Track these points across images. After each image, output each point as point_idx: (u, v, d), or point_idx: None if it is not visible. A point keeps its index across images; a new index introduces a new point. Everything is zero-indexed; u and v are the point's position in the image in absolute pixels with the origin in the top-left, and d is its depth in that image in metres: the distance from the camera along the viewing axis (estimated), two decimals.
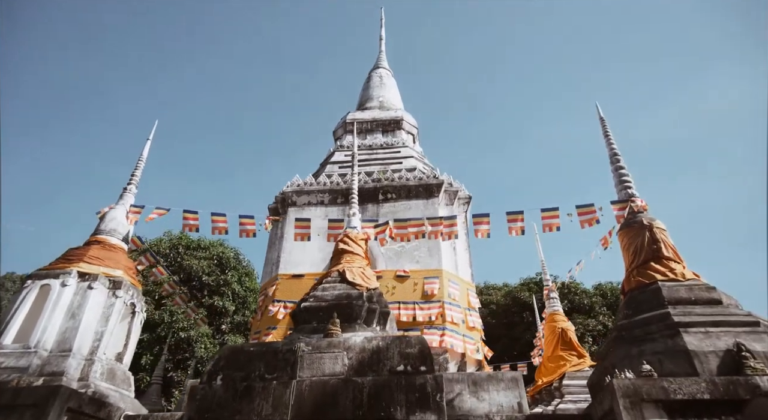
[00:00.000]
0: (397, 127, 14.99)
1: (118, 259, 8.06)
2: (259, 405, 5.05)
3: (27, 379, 5.96)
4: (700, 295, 5.81)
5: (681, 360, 5.06)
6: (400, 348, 5.40)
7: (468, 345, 9.12)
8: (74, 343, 6.72)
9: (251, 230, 8.41)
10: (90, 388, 6.29)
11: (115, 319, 7.40)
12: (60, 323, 6.90)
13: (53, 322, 6.83)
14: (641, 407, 4.57)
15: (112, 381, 6.90)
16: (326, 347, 5.52)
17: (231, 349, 5.76)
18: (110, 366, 7.04)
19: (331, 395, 5.04)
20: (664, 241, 6.69)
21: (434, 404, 4.85)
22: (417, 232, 8.10)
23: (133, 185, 9.63)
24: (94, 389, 6.33)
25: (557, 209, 7.72)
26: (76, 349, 6.69)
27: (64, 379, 6.13)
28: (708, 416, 4.49)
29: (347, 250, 7.53)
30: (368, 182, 11.71)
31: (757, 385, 4.52)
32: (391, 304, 9.47)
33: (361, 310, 6.44)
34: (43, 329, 6.70)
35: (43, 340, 6.62)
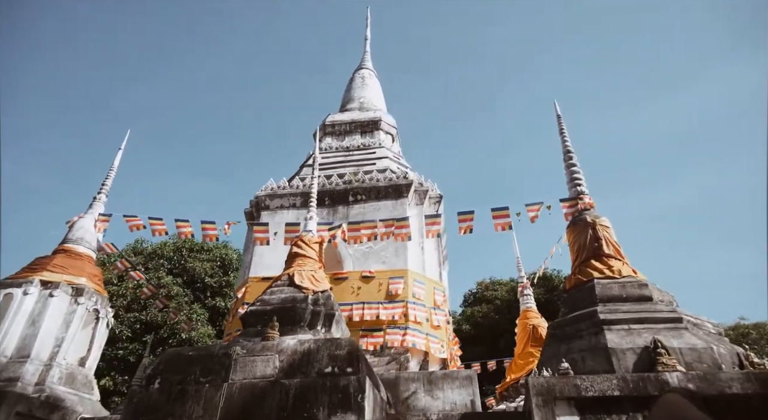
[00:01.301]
0: (375, 127, 15.07)
1: (82, 267, 8.31)
2: (191, 407, 5.22)
3: None
4: (631, 292, 5.84)
5: (601, 357, 5.12)
6: (329, 350, 5.52)
7: (431, 344, 9.21)
8: (33, 349, 6.98)
9: (213, 235, 8.61)
10: (44, 393, 6.53)
11: (77, 325, 7.65)
12: (21, 330, 7.16)
13: (14, 330, 7.10)
14: (554, 405, 4.65)
15: (71, 385, 7.14)
16: (260, 350, 5.67)
17: (171, 354, 5.94)
18: (70, 370, 7.28)
19: (258, 397, 5.19)
20: (606, 238, 6.71)
21: (355, 405, 4.96)
22: (369, 234, 8.22)
23: (103, 194, 9.89)
24: (48, 393, 6.57)
25: (507, 208, 7.78)
26: (34, 355, 6.94)
27: (18, 385, 6.37)
28: (617, 412, 4.55)
29: (300, 254, 7.68)
30: (339, 184, 11.83)
31: (667, 381, 4.57)
32: (355, 305, 9.67)
33: (305, 313, 6.57)
34: (3, 336, 6.97)
35: (2, 347, 6.88)
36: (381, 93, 18.21)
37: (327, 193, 11.74)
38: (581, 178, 7.82)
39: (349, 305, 9.56)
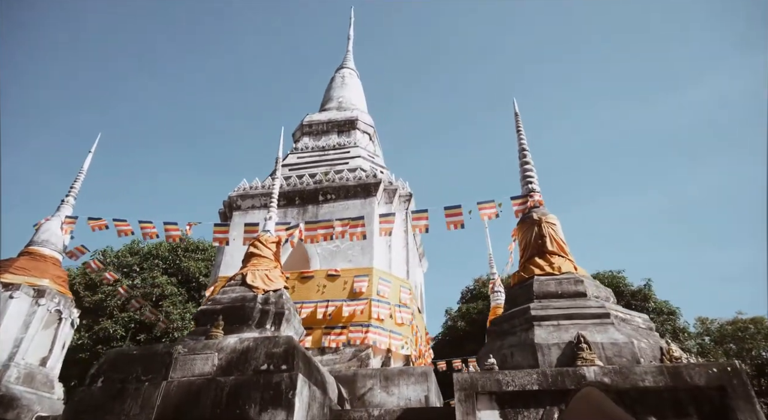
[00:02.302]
0: (352, 127, 15.17)
1: (45, 269, 8.44)
2: (129, 405, 5.34)
3: None
4: (566, 289, 5.94)
5: (528, 352, 5.22)
6: (267, 348, 5.64)
7: (394, 341, 9.32)
8: None
9: (176, 235, 8.73)
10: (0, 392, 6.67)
11: (37, 326, 7.79)
12: None
13: None
14: (475, 399, 4.77)
15: (29, 384, 7.29)
16: (200, 349, 5.79)
17: (115, 353, 6.07)
18: (29, 370, 7.42)
19: (195, 394, 5.31)
20: (551, 235, 6.80)
21: (285, 401, 5.08)
22: (326, 234, 8.32)
23: (72, 197, 10.02)
24: (4, 393, 6.71)
25: (460, 207, 7.88)
26: None
27: None
28: (535, 406, 4.66)
29: (255, 254, 7.79)
30: (310, 184, 11.93)
31: (584, 375, 4.67)
32: (320, 303, 9.79)
33: (253, 312, 6.69)
34: None
35: None
36: (361, 92, 18.29)
37: (297, 193, 11.85)
38: (533, 175, 7.90)
39: (314, 303, 9.68)
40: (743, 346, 23.58)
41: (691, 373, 4.48)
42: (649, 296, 23.28)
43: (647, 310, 21.88)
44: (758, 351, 23.19)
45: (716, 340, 24.86)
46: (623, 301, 22.85)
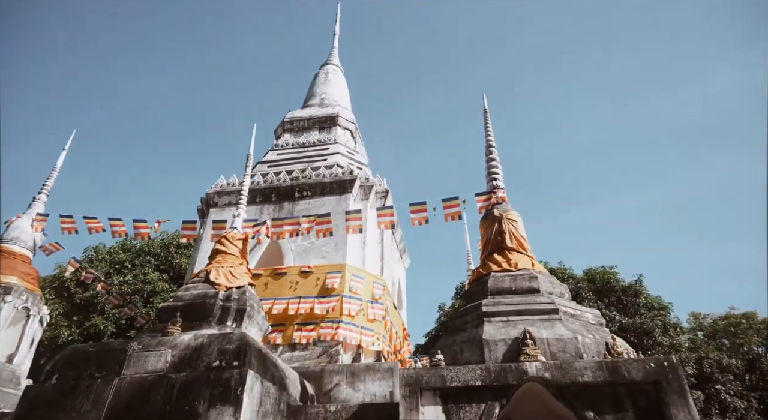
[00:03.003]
0: (333, 123, 15.15)
1: (13, 266, 8.45)
2: (81, 402, 5.36)
3: None
4: (520, 285, 5.97)
5: (476, 348, 5.26)
6: (220, 345, 5.66)
7: (365, 337, 9.36)
8: None
9: (144, 233, 8.74)
10: None
11: (2, 323, 7.81)
12: None
13: None
14: (419, 395, 4.81)
15: None
16: (155, 346, 5.81)
17: (71, 350, 6.09)
18: None
19: (146, 391, 5.33)
20: (510, 232, 6.83)
21: (234, 397, 5.11)
22: (292, 230, 8.34)
23: (44, 194, 10.01)
24: None
25: (425, 203, 7.90)
26: None
27: None
28: (477, 401, 4.70)
29: (221, 251, 7.81)
30: (286, 181, 11.94)
31: (525, 370, 4.71)
32: (292, 299, 9.82)
33: (213, 309, 6.71)
34: None
35: None
36: (345, 89, 18.25)
37: (274, 190, 11.86)
38: (498, 172, 7.93)
39: (286, 300, 9.71)
40: (735, 341, 23.72)
41: (629, 368, 4.52)
42: (640, 292, 23.36)
43: (638, 305, 21.96)
44: (750, 346, 23.32)
45: (709, 335, 25.00)
46: (614, 296, 22.92)
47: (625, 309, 22.38)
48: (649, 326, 19.32)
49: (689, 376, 16.91)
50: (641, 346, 18.26)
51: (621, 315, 21.19)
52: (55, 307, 21.55)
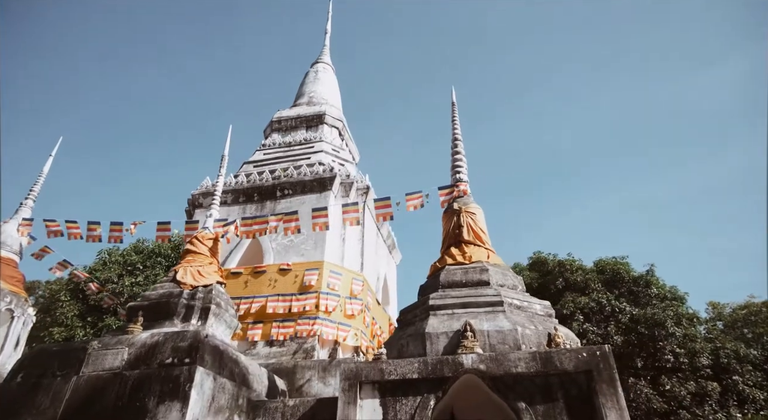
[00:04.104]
0: (320, 121, 15.23)
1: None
2: (41, 399, 5.56)
3: None
4: (471, 278, 5.97)
5: (419, 342, 5.29)
6: (174, 342, 5.80)
7: (341, 332, 9.45)
8: None
9: (118, 236, 8.94)
10: None
11: None
12: None
13: None
14: (358, 388, 4.86)
15: None
16: (113, 344, 5.98)
17: (37, 349, 6.31)
18: None
19: (101, 388, 5.50)
20: (468, 225, 6.82)
21: (182, 393, 5.24)
22: (260, 230, 8.44)
23: (30, 200, 10.32)
24: None
25: (389, 198, 7.92)
26: None
27: None
28: (413, 394, 4.74)
29: (191, 251, 7.96)
30: (268, 180, 12.06)
31: (461, 362, 4.73)
32: (270, 297, 9.94)
33: (177, 307, 6.86)
34: None
35: None
36: (335, 86, 18.30)
37: (256, 189, 12.01)
38: (462, 165, 7.90)
39: (265, 297, 9.85)
40: (755, 330, 23.17)
41: (562, 359, 4.50)
42: (652, 282, 22.91)
43: (650, 296, 21.59)
44: None
45: (728, 325, 24.46)
46: (625, 287, 22.55)
47: (637, 300, 21.99)
48: (660, 317, 18.93)
49: (704, 367, 16.57)
50: (653, 338, 17.93)
51: (632, 306, 20.84)
52: (70, 308, 22.14)
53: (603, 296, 23.18)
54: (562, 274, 25.75)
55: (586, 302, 23.66)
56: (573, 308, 23.13)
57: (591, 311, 23.35)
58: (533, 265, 25.15)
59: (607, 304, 20.03)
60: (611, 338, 17.83)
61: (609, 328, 18.45)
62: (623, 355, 17.12)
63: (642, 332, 17.96)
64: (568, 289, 25.30)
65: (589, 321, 21.89)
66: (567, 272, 26.26)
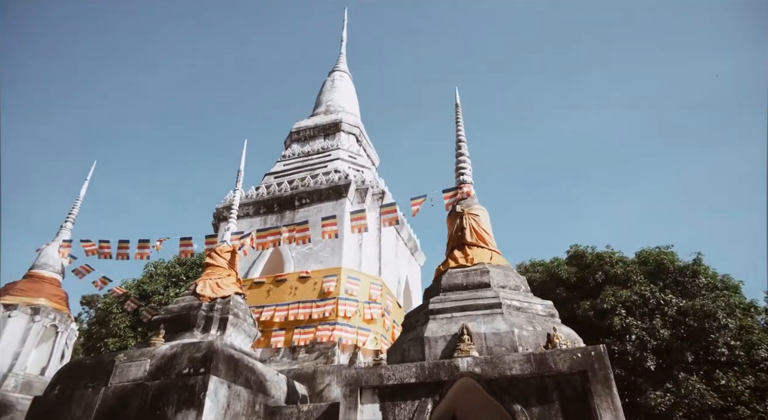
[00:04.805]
0: (337, 129, 15.49)
1: (41, 289, 9.48)
2: (74, 410, 6.03)
3: None
4: (472, 280, 5.98)
5: (419, 346, 5.36)
6: (190, 353, 6.14)
7: (360, 337, 9.61)
8: None
9: (145, 253, 9.49)
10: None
11: (33, 339, 8.81)
12: None
13: None
14: (359, 394, 5.01)
15: (28, 392, 8.28)
16: (137, 356, 6.39)
17: (72, 363, 6.82)
18: (27, 379, 8.43)
19: (126, 398, 5.90)
20: (471, 226, 6.82)
21: (197, 401, 5.54)
22: (274, 240, 8.73)
23: (69, 222, 11.10)
24: (0, 399, 7.70)
25: (394, 204, 8.02)
26: None
27: None
28: (412, 398, 4.82)
29: (210, 264, 8.37)
30: (286, 190, 12.42)
31: (457, 366, 4.78)
32: (292, 304, 10.25)
33: (197, 319, 7.24)
34: None
35: None
36: (352, 93, 18.55)
37: (276, 200, 12.39)
38: (466, 167, 7.89)
39: (287, 305, 10.17)
40: None
41: (556, 360, 4.46)
42: (699, 271, 21.77)
43: (698, 286, 20.56)
44: None
45: None
46: (670, 278, 21.56)
47: (684, 291, 20.96)
48: (710, 308, 17.97)
49: (763, 360, 15.64)
50: (704, 330, 17.08)
51: (678, 298, 19.88)
52: (122, 320, 23.52)
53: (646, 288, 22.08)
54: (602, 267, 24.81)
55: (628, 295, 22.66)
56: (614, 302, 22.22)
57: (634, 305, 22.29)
58: (571, 259, 24.39)
59: (651, 296, 19.13)
60: (657, 332, 17.09)
61: (654, 322, 17.65)
62: (671, 350, 16.39)
63: (691, 325, 17.08)
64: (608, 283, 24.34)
65: (632, 315, 20.94)
66: (606, 265, 25.28)
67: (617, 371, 16.19)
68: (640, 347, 16.79)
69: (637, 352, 16.72)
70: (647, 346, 16.61)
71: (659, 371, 16.01)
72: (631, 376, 16.42)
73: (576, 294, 20.85)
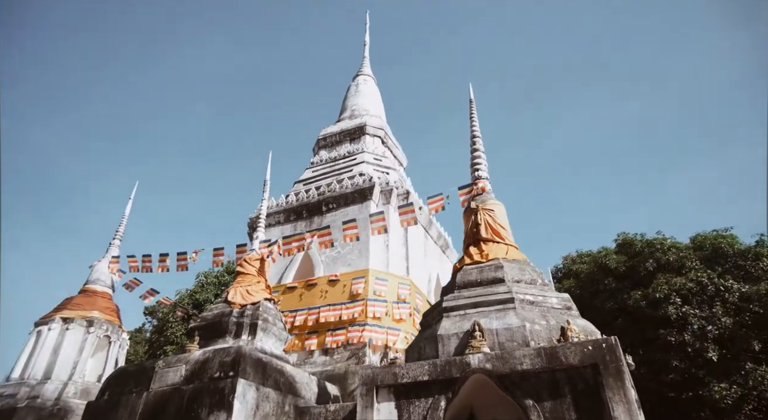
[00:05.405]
0: (362, 133, 15.70)
1: (94, 303, 10.27)
2: (121, 413, 6.52)
3: (11, 403, 8.24)
4: (486, 276, 5.95)
5: (433, 344, 5.41)
6: (220, 358, 6.47)
7: (390, 337, 9.71)
8: (54, 372, 8.97)
9: (184, 265, 10.04)
10: (58, 405, 8.40)
11: (89, 350, 9.55)
12: (47, 358, 9.21)
13: (41, 358, 9.17)
14: (375, 392, 5.14)
15: (86, 398, 8.98)
16: (174, 362, 6.81)
17: (119, 370, 7.36)
18: (85, 386, 9.16)
19: (164, 402, 6.31)
20: (486, 222, 6.78)
21: (226, 403, 5.85)
22: (299, 246, 9.00)
23: (117, 239, 11.94)
24: (61, 406, 8.43)
25: (412, 204, 8.07)
26: (54, 376, 8.92)
27: (38, 401, 8.31)
28: (425, 396, 4.89)
29: (241, 272, 8.76)
30: (314, 196, 12.74)
31: (468, 363, 4.79)
32: (323, 307, 10.52)
33: (228, 325, 7.61)
34: (34, 364, 9.05)
35: (33, 372, 8.96)
36: (376, 96, 18.72)
37: (304, 206, 12.74)
38: (481, 163, 7.84)
39: (318, 308, 10.44)
40: None
41: (567, 353, 4.39)
42: (762, 254, 20.29)
43: (762, 269, 19.20)
44: None
45: None
46: (729, 263, 20.22)
47: (747, 276, 19.61)
48: None
49: None
50: None
51: (740, 283, 18.61)
52: (178, 328, 24.92)
53: (703, 274, 20.66)
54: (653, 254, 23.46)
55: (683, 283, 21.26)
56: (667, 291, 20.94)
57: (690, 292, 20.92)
58: (620, 248, 23.30)
59: (709, 282, 17.95)
60: (718, 320, 16.08)
61: (714, 310, 16.60)
62: (735, 338, 15.38)
63: (756, 311, 15.95)
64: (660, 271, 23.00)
65: (689, 303, 19.69)
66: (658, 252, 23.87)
67: (675, 363, 15.39)
68: (700, 337, 15.85)
69: (696, 343, 15.76)
70: (708, 336, 15.66)
71: (723, 362, 15.05)
72: (691, 368, 15.53)
73: (626, 284, 19.96)
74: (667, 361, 15.58)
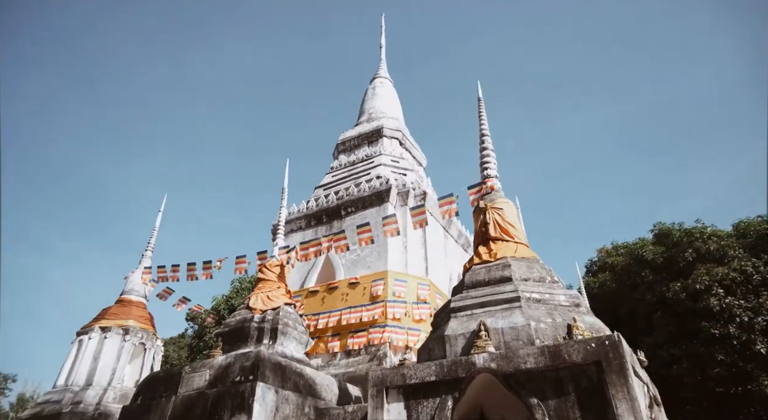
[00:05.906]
0: (379, 135, 15.82)
1: (129, 312, 10.83)
2: (153, 416, 6.89)
3: (57, 408, 8.82)
4: (493, 276, 5.95)
5: (441, 345, 5.47)
6: (241, 363, 6.74)
7: (411, 337, 9.78)
8: (94, 378, 9.52)
9: (209, 273, 10.44)
10: (99, 410, 8.92)
11: (125, 357, 10.09)
12: (88, 366, 9.79)
13: (83, 366, 9.75)
14: (385, 394, 5.24)
15: (124, 402, 9.45)
16: (199, 367, 7.14)
17: (150, 376, 7.76)
18: (123, 392, 9.68)
19: (191, 405, 6.63)
20: (495, 221, 6.77)
21: (246, 406, 6.10)
22: (315, 251, 9.19)
23: (149, 251, 12.52)
24: (102, 410, 8.96)
25: (423, 206, 8.12)
26: (95, 383, 9.47)
27: (81, 406, 8.86)
28: (433, 396, 4.96)
29: (261, 279, 9.05)
30: (333, 201, 12.95)
31: (474, 362, 4.83)
32: (344, 310, 10.71)
33: (250, 331, 7.90)
34: (76, 372, 9.65)
35: (76, 379, 9.55)
36: (393, 98, 18.80)
37: (324, 211, 12.98)
38: (490, 161, 7.81)
39: (339, 311, 10.64)
40: None
41: (570, 351, 4.36)
42: None
43: None
44: None
45: None
46: None
47: None
48: None
49: None
50: None
51: None
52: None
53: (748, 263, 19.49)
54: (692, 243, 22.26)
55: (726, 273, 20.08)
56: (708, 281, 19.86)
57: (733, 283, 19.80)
58: (657, 239, 22.36)
59: (755, 272, 17.03)
60: (766, 311, 15.32)
61: (761, 300, 15.78)
62: None
63: None
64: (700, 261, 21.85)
65: (732, 294, 18.66)
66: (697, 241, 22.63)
67: (720, 357, 14.72)
68: (747, 329, 15.09)
69: (743, 335, 15.01)
70: (755, 328, 14.92)
71: None
72: (739, 362, 14.82)
73: (664, 275, 19.23)
74: (711, 355, 14.93)
